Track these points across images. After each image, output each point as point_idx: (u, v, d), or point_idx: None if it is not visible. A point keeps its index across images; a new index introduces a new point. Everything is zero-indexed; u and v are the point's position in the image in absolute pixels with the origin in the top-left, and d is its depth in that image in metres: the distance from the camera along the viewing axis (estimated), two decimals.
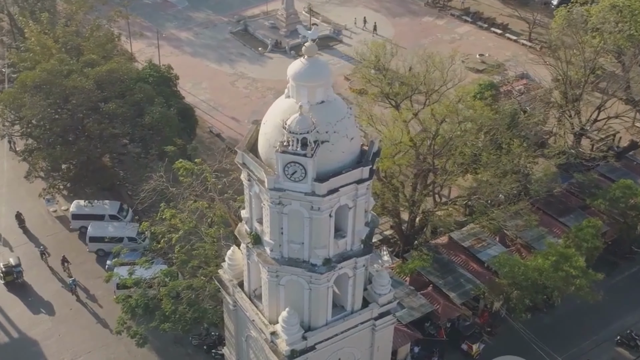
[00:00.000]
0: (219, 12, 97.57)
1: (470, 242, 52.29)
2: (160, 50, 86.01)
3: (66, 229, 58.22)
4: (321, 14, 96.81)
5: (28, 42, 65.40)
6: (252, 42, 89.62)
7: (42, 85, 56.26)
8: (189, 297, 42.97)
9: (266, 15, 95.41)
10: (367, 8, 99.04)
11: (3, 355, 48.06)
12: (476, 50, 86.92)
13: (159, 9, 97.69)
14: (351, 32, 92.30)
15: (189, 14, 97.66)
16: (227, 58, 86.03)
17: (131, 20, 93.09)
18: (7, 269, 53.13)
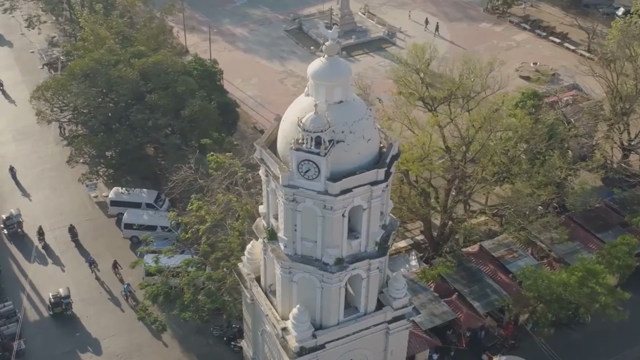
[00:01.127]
0: (275, 10, 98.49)
1: (501, 252, 51.41)
2: (214, 45, 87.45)
3: (105, 214, 59.73)
4: (377, 16, 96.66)
5: (82, 31, 67.38)
6: (304, 41, 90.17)
7: (89, 73, 57.87)
8: (209, 288, 43.57)
9: (322, 14, 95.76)
10: (425, 12, 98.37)
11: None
12: (532, 59, 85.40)
13: (217, 5, 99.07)
14: (405, 35, 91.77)
15: (246, 10, 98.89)
16: (279, 55, 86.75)
17: (189, 15, 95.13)
18: (56, 300, 50.05)
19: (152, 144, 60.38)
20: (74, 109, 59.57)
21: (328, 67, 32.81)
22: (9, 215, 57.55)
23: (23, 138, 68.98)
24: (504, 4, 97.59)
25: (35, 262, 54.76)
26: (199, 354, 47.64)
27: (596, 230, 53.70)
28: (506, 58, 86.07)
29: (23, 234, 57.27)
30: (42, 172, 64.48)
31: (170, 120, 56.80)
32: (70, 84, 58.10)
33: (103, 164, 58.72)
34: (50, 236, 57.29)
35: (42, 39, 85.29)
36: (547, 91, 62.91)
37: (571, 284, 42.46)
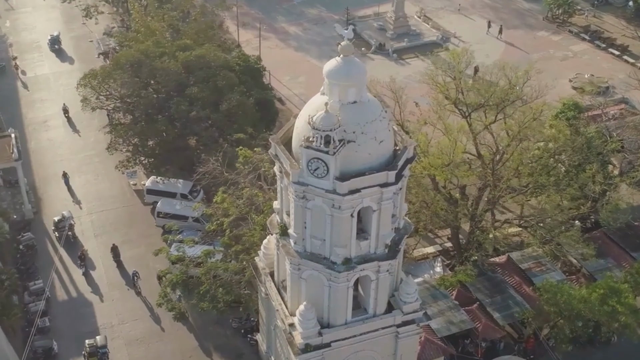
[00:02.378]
0: (331, 10, 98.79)
1: (529, 264, 50.45)
2: (267, 42, 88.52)
3: (141, 202, 61.17)
4: (433, 20, 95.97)
5: (134, 23, 69.16)
6: (357, 42, 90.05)
7: (134, 64, 59.34)
8: (225, 280, 44.16)
9: (377, 16, 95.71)
10: (482, 18, 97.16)
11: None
12: (587, 70, 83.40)
13: (275, 3, 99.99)
14: (459, 40, 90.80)
15: (302, 9, 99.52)
16: (329, 55, 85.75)
17: (245, 11, 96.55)
18: (92, 349, 47.98)
19: (192, 136, 61.46)
20: (118, 98, 61.20)
21: (343, 66, 32.80)
22: (61, 217, 57.00)
23: (73, 124, 71.13)
24: (564, 13, 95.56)
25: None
26: (216, 344, 48.37)
27: (632, 248, 52.11)
28: (561, 68, 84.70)
29: (74, 237, 56.76)
30: (86, 157, 66.50)
31: (208, 113, 57.71)
32: (115, 74, 59.73)
33: (141, 152, 60.01)
34: (87, 220, 59.12)
35: (101, 29, 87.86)
36: (593, 104, 61.32)
37: (591, 300, 41.40)
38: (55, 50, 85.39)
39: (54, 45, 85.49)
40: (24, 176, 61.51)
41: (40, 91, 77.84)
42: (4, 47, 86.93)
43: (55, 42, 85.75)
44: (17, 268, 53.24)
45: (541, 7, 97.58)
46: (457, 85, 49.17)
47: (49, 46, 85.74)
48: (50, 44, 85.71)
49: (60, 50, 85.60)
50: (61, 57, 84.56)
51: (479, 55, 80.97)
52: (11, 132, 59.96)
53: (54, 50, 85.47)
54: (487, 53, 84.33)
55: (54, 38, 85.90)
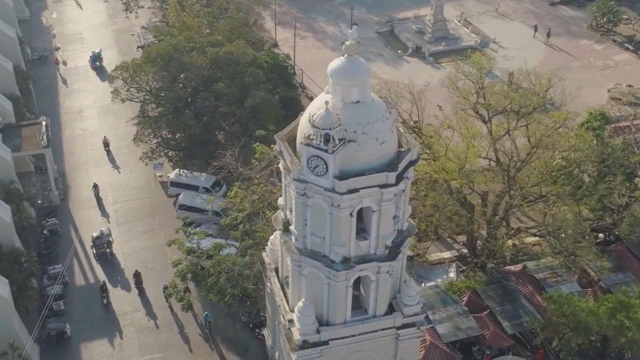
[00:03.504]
0: (371, 11, 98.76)
1: (544, 274, 49.72)
2: (304, 41, 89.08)
3: (165, 194, 62.19)
4: (473, 24, 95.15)
5: (170, 18, 70.36)
6: (393, 44, 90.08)
7: (164, 57, 60.36)
8: (231, 273, 44.67)
9: (416, 19, 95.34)
10: (524, 24, 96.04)
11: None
12: (627, 81, 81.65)
13: (315, 2, 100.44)
14: (498, 46, 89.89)
15: (342, 9, 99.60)
16: (365, 56, 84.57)
17: (285, 10, 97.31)
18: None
19: (217, 131, 62.23)
20: (148, 91, 62.32)
21: (346, 66, 33.02)
22: (99, 234, 55.76)
23: (106, 114, 72.74)
24: (609, 22, 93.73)
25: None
26: (224, 337, 48.94)
27: None
28: (600, 78, 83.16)
29: (112, 254, 55.66)
30: (116, 148, 67.85)
31: (234, 109, 58.38)
32: (146, 67, 60.84)
33: (164, 145, 60.96)
34: (112, 209, 60.39)
35: (143, 22, 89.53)
36: (622, 115, 60.09)
37: (599, 314, 40.65)
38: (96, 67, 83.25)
39: (94, 63, 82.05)
40: (54, 163, 63.28)
41: (78, 82, 79.73)
42: (49, 38, 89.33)
43: (96, 59, 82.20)
44: (39, 252, 54.78)
45: (586, 15, 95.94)
46: (476, 89, 48.73)
47: (90, 63, 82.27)
48: (91, 61, 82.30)
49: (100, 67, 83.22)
50: (102, 49, 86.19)
51: (517, 62, 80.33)
52: (42, 120, 61.62)
53: (94, 68, 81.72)
54: (526, 59, 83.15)
55: (95, 55, 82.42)
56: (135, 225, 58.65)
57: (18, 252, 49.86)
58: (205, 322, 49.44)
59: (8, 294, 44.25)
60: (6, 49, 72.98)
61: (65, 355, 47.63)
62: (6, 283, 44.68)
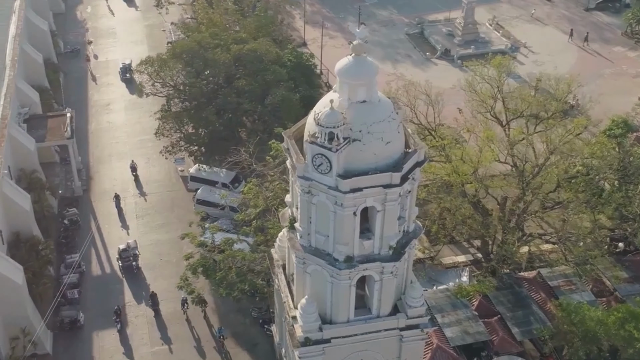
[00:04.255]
0: (402, 13, 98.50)
1: (558, 282, 49.10)
2: (333, 41, 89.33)
3: (185, 188, 62.91)
4: (505, 28, 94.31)
5: (198, 14, 71.13)
6: (422, 46, 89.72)
7: (189, 53, 61.03)
8: (240, 268, 45.04)
9: (447, 21, 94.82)
10: (557, 29, 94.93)
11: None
12: None
13: (346, 3, 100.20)
14: (529, 51, 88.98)
15: (373, 10, 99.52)
16: (393, 58, 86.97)
17: (316, 9, 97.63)
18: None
19: (239, 128, 62.67)
20: (172, 86, 63.05)
21: (353, 65, 33.09)
22: (126, 246, 54.79)
23: (133, 108, 73.71)
24: None
25: None
26: (234, 331, 49.39)
27: None
28: (631, 85, 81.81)
29: (138, 268, 54.55)
30: (140, 141, 68.77)
31: (254, 106, 58.80)
32: (171, 62, 61.57)
33: (185, 139, 61.62)
34: (132, 201, 61.34)
35: (175, 18, 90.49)
36: None
37: (608, 324, 40.08)
38: (126, 79, 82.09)
39: (125, 75, 79.14)
40: (78, 155, 64.41)
41: (108, 75, 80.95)
42: (82, 32, 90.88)
43: (126, 71, 78.99)
44: (58, 241, 55.87)
45: (620, 21, 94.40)
46: (493, 93, 48.41)
47: (120, 75, 79.67)
48: (121, 73, 79.56)
49: (130, 79, 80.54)
50: (134, 44, 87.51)
51: (548, 67, 79.51)
52: (67, 112, 62.77)
53: (124, 81, 79.01)
54: (557, 65, 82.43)
55: (125, 67, 79.27)
56: (154, 218, 59.46)
57: (35, 240, 50.95)
58: (219, 335, 48.98)
59: (22, 280, 45.25)
60: (38, 41, 74.52)
61: (77, 342, 48.58)
62: (21, 270, 45.69)
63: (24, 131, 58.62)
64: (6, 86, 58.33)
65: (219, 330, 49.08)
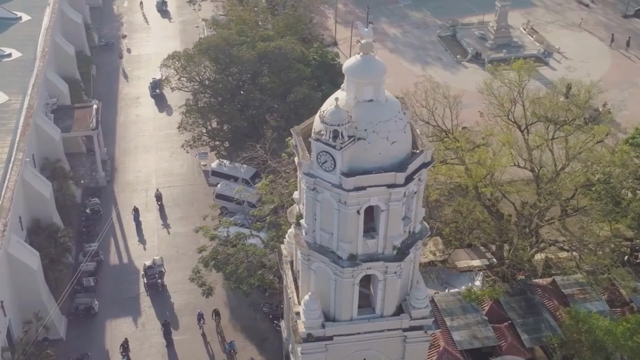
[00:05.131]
0: (436, 15, 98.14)
1: (573, 290, 48.49)
2: None
3: (207, 183, 63.64)
4: (539, 33, 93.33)
5: (228, 11, 71.89)
6: (454, 49, 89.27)
7: (215, 49, 61.68)
8: (249, 263, 45.43)
9: (481, 24, 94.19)
10: (593, 35, 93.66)
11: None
12: None
13: (380, 3, 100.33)
14: (562, 56, 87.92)
15: (407, 11, 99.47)
16: (423, 60, 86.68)
17: (350, 9, 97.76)
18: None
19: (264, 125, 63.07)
20: (198, 81, 63.77)
21: (360, 64, 33.05)
22: (152, 263, 53.66)
23: (161, 102, 74.83)
24: None
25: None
26: (244, 325, 49.86)
27: None
28: None
29: (163, 286, 53.35)
30: (166, 135, 69.74)
31: (276, 103, 59.20)
32: (197, 57, 62.31)
33: (208, 134, 62.28)
34: (153, 194, 62.11)
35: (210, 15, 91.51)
36: None
37: (616, 334, 39.50)
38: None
39: (154, 90, 76.65)
40: (104, 146, 65.58)
41: (139, 69, 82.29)
42: (117, 26, 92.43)
43: (156, 87, 76.27)
44: (79, 230, 56.99)
45: None
46: (512, 97, 48.01)
47: (150, 91, 77.29)
48: (151, 89, 77.21)
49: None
50: (167, 39, 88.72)
51: (580, 73, 78.57)
52: (94, 103, 63.94)
53: (154, 97, 76.79)
54: (589, 72, 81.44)
55: (155, 82, 76.38)
56: (173, 211, 60.28)
57: (55, 227, 52.04)
58: (230, 349, 48.50)
59: (37, 266, 46.30)
60: (71, 34, 76.06)
61: (90, 329, 49.49)
62: (37, 255, 46.76)
63: (51, 121, 59.91)
64: (35, 77, 59.62)
65: (229, 345, 48.68)
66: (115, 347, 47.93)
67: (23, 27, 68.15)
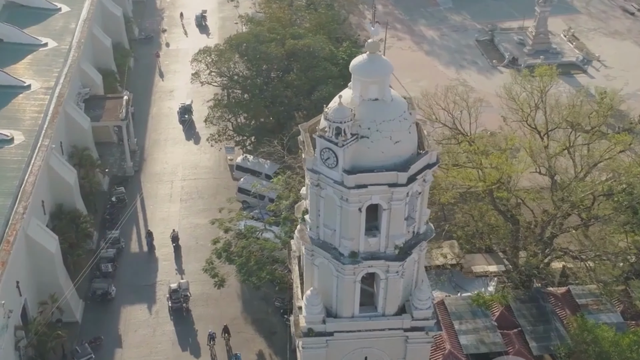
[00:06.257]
0: (476, 19, 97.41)
1: (587, 301, 47.84)
2: (401, 42, 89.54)
3: (232, 177, 64.47)
4: (580, 40, 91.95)
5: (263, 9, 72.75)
6: (490, 53, 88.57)
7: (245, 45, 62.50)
8: (260, 257, 45.98)
9: (520, 30, 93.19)
10: (636, 43, 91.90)
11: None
12: None
13: (420, 6, 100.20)
14: (601, 64, 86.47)
15: (446, 14, 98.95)
16: (458, 63, 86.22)
17: (388, 10, 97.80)
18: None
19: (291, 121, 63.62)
20: (228, 76, 64.66)
21: (366, 63, 33.24)
22: (177, 287, 52.10)
23: (195, 97, 75.80)
24: None
25: None
26: (254, 318, 50.52)
27: None
28: None
29: (187, 311, 51.75)
30: (198, 128, 70.73)
31: (300, 101, 59.73)
32: (227, 53, 63.19)
33: (233, 129, 63.08)
34: (178, 185, 63.49)
35: (250, 12, 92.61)
36: None
37: (622, 345, 38.91)
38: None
39: (183, 116, 73.91)
40: (134, 136, 66.97)
41: (176, 63, 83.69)
42: (158, 20, 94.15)
43: (185, 112, 74.17)
44: (103, 217, 58.37)
45: None
46: (533, 101, 47.59)
47: (178, 116, 74.33)
48: (180, 115, 74.34)
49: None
50: (205, 34, 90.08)
51: (619, 82, 77.03)
52: (125, 95, 65.36)
53: (182, 122, 73.90)
54: (628, 80, 79.86)
55: (184, 107, 74.57)
56: (197, 203, 61.33)
57: (77, 213, 53.47)
58: None
59: (55, 249, 47.66)
60: (110, 26, 77.80)
61: (106, 313, 50.76)
62: (56, 239, 48.16)
63: (81, 110, 61.47)
64: (68, 66, 61.23)
65: (235, 357, 48.48)
66: (129, 332, 49.14)
67: (62, 18, 70.03)
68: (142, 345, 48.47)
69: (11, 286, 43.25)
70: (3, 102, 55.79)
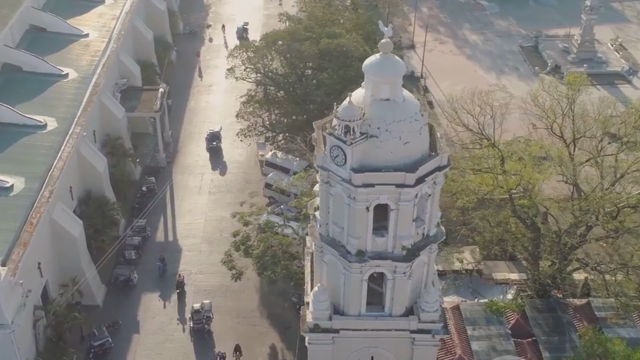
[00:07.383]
0: (522, 24, 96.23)
1: (606, 314, 47.02)
2: (443, 46, 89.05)
3: (261, 172, 65.22)
4: (627, 50, 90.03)
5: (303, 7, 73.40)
6: (533, 60, 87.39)
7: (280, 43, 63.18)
8: (275, 252, 46.46)
9: (566, 37, 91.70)
10: None
11: None
12: None
13: (466, 10, 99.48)
14: None
15: (491, 19, 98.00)
16: (499, 69, 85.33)
17: (434, 14, 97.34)
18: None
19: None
20: (263, 73, 65.40)
21: (379, 63, 33.35)
22: (199, 307, 50.84)
23: (231, 92, 76.62)
24: None
25: None
26: (270, 312, 51.03)
27: None
28: None
29: (209, 333, 50.42)
30: (231, 123, 71.26)
31: (332, 100, 59.86)
32: (262, 50, 63.94)
33: (264, 126, 63.77)
34: (208, 178, 64.44)
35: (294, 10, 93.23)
36: None
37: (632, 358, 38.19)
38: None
39: (211, 143, 70.16)
40: (169, 128, 68.20)
41: (217, 59, 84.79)
42: (203, 15, 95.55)
43: (213, 139, 70.24)
44: (132, 205, 59.66)
45: None
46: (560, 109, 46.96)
47: (206, 143, 70.66)
48: (208, 142, 70.51)
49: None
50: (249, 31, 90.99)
51: None
52: (160, 87, 66.58)
53: (209, 150, 70.05)
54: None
55: (213, 134, 70.61)
56: (224, 196, 62.18)
57: (104, 200, 54.78)
58: None
59: (79, 234, 48.99)
60: (154, 19, 79.32)
61: (126, 299, 52.00)
62: (80, 224, 49.49)
63: (117, 100, 62.91)
64: (106, 57, 62.74)
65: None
66: (147, 318, 50.20)
67: (104, 10, 71.72)
68: (159, 332, 49.51)
69: (32, 267, 44.64)
70: (40, 90, 57.60)
